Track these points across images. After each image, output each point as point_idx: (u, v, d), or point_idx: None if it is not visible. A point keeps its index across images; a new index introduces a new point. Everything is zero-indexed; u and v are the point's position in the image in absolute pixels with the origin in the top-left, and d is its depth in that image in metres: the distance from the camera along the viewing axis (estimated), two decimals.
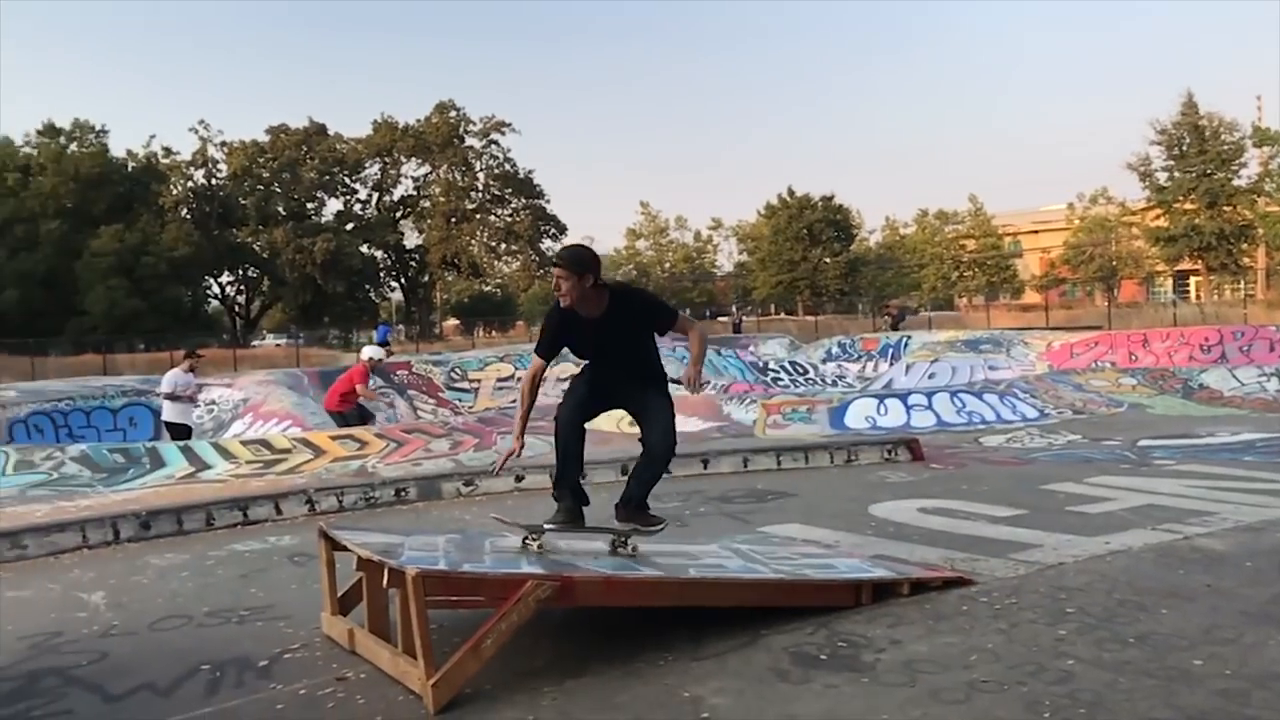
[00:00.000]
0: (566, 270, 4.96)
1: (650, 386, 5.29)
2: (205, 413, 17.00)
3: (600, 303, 5.02)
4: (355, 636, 4.77)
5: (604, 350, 5.19)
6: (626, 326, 5.09)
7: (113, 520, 7.94)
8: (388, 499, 8.99)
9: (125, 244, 56.66)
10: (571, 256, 5.05)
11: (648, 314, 5.21)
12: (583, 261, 5.00)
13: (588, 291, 4.97)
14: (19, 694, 4.46)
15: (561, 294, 4.99)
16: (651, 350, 5.30)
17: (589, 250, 5.17)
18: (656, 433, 5.25)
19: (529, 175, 71.11)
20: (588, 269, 4.98)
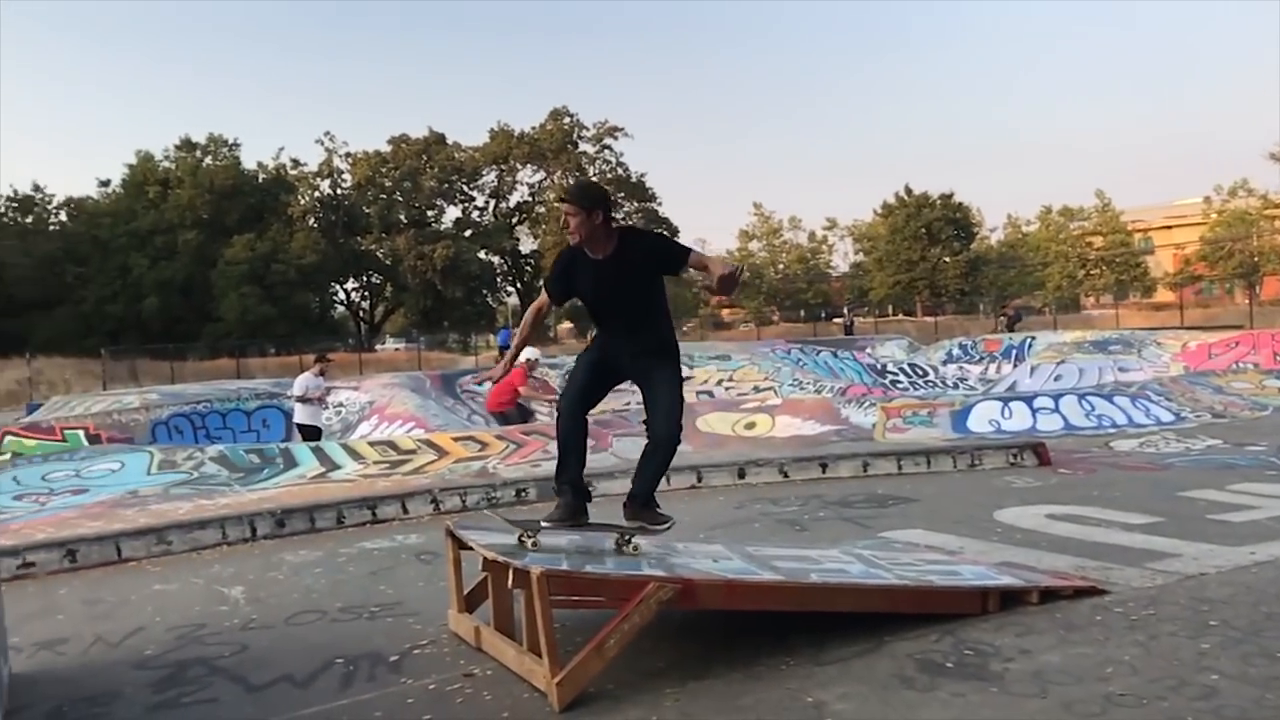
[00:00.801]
0: (574, 205, 4.74)
1: (656, 356, 4.98)
2: (333, 414, 17.60)
3: (610, 242, 4.78)
4: (481, 634, 4.88)
5: (609, 297, 4.91)
6: (634, 269, 4.78)
7: (250, 518, 8.30)
8: (508, 499, 9.16)
9: (257, 252, 59.10)
10: (579, 190, 4.86)
11: (656, 253, 4.87)
12: (591, 196, 4.80)
13: (598, 229, 4.74)
14: (169, 681, 4.71)
15: (570, 232, 4.80)
16: (660, 307, 5.01)
17: (598, 185, 4.97)
18: (658, 415, 4.98)
19: (641, 179, 71.47)
20: (597, 204, 4.74)
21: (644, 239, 4.99)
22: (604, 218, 4.74)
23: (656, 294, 4.95)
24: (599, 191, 4.88)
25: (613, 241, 4.77)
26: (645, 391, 5.02)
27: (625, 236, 4.84)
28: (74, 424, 17.78)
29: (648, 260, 4.81)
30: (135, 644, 5.39)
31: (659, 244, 4.98)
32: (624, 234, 4.85)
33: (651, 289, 4.90)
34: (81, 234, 61.93)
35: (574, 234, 4.76)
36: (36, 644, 5.49)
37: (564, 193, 4.82)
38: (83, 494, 11.07)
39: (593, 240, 4.75)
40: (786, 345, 21.56)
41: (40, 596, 6.65)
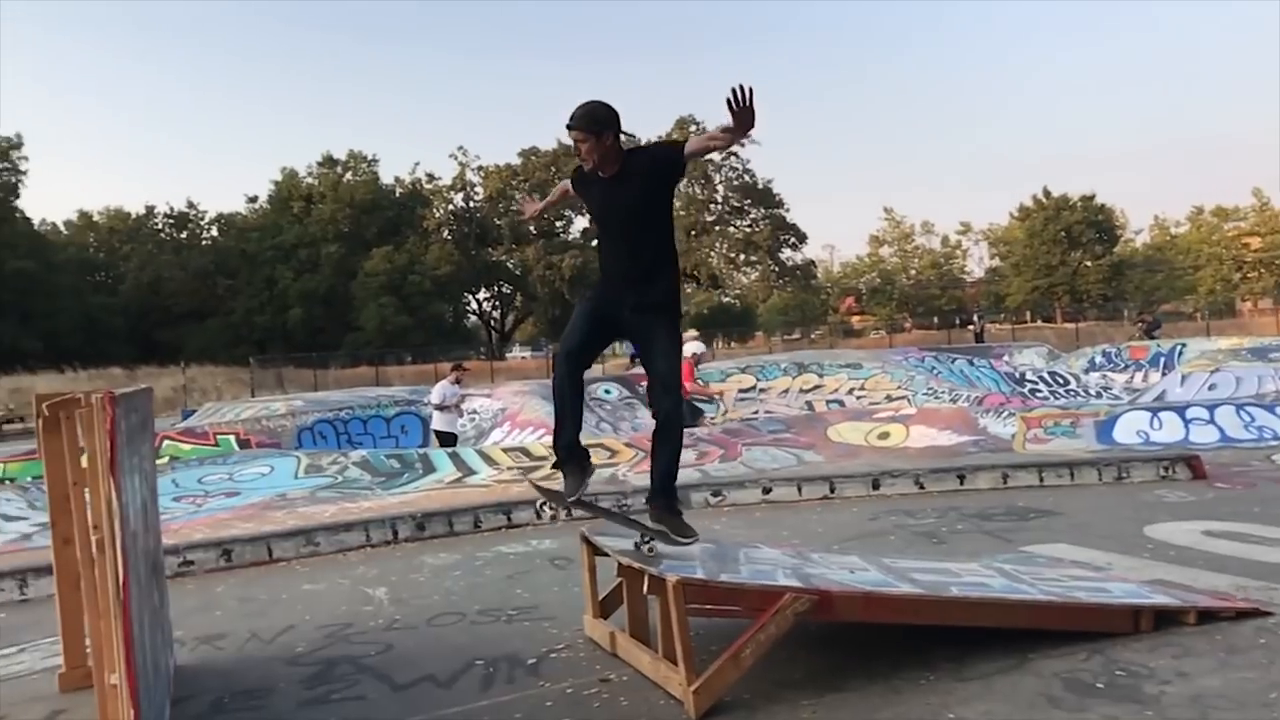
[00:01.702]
0: (584, 132, 4.57)
1: (657, 312, 4.75)
2: (467, 421, 18.00)
3: (618, 162, 4.65)
4: (617, 639, 4.92)
5: (616, 215, 4.75)
6: (641, 183, 4.61)
7: (392, 521, 8.58)
8: (639, 507, 9.18)
9: (394, 264, 61.19)
10: (586, 115, 4.59)
11: (656, 159, 4.66)
12: (599, 118, 4.59)
13: (609, 151, 4.61)
14: (319, 678, 4.90)
15: (583, 158, 4.69)
16: (665, 239, 4.79)
17: (603, 105, 4.66)
18: (658, 389, 4.77)
19: (768, 185, 71.07)
20: (606, 125, 4.59)
21: (647, 152, 4.82)
22: (614, 138, 4.63)
23: (663, 219, 4.76)
24: (606, 112, 4.63)
25: (621, 160, 4.66)
26: (644, 355, 4.84)
27: (632, 153, 4.71)
28: (226, 429, 18.68)
29: (653, 170, 4.63)
30: (287, 641, 5.63)
31: (658, 150, 4.83)
32: (631, 152, 4.72)
33: (658, 208, 4.72)
34: (231, 248, 65.24)
35: (586, 159, 4.67)
36: (197, 638, 5.79)
37: (571, 120, 4.58)
38: (235, 496, 11.63)
39: (605, 162, 4.65)
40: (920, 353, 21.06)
41: (199, 593, 7.01)
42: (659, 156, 4.67)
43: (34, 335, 54.84)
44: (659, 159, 4.65)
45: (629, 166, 4.63)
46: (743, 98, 4.05)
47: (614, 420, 18.13)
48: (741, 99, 4.05)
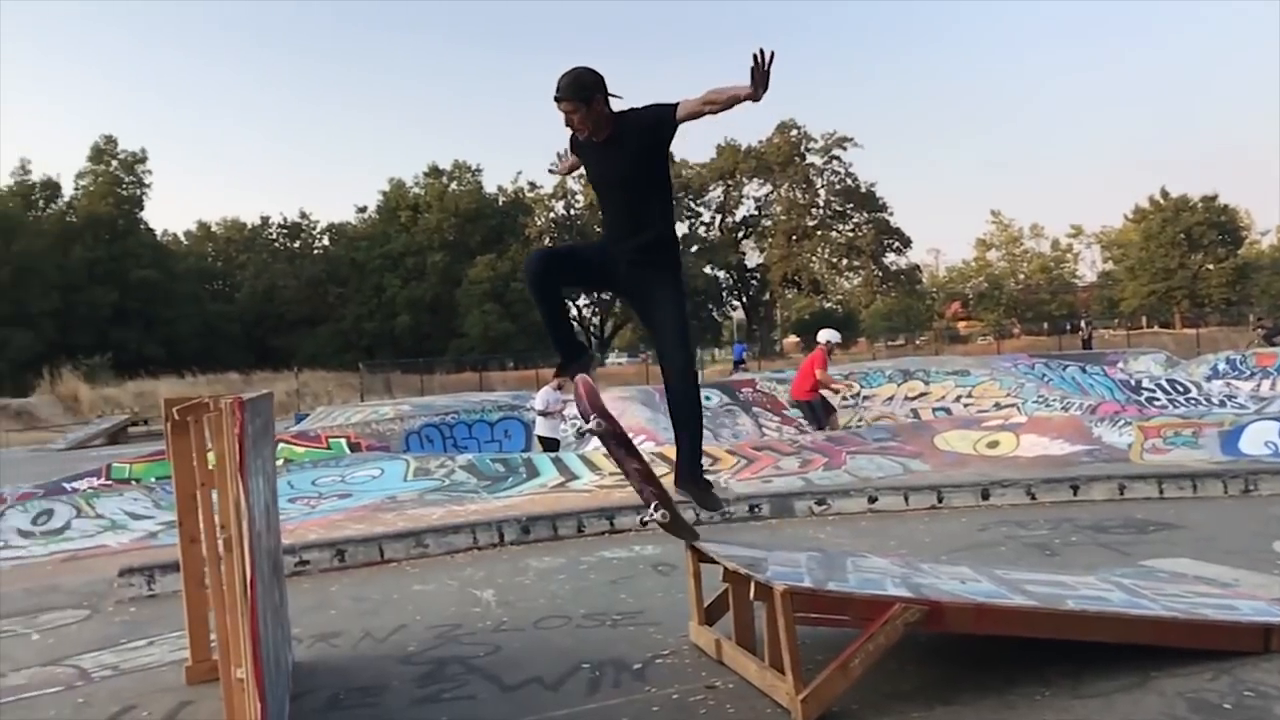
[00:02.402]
0: (572, 102, 4.43)
1: (655, 266, 4.65)
2: (570, 427, 18.20)
3: (611, 125, 4.51)
4: (722, 647, 4.92)
5: (611, 179, 4.66)
6: (634, 147, 4.48)
7: (498, 524, 8.72)
8: (742, 515, 9.19)
9: (497, 272, 62.31)
10: (573, 84, 4.43)
11: (647, 122, 4.46)
12: (586, 84, 4.44)
13: (600, 116, 4.48)
14: (431, 677, 5.01)
15: (577, 129, 4.57)
16: (664, 199, 4.68)
17: (588, 70, 4.49)
18: (669, 346, 4.62)
19: (871, 189, 70.19)
20: (593, 91, 4.44)
21: (638, 115, 4.56)
22: (604, 101, 4.48)
23: (660, 180, 4.65)
24: (593, 77, 4.48)
25: (613, 123, 4.52)
26: (646, 310, 4.72)
27: (624, 116, 4.55)
28: (337, 433, 19.23)
29: (646, 132, 4.49)
30: (399, 640, 5.77)
31: (650, 112, 4.53)
32: (622, 114, 4.55)
33: (653, 170, 4.59)
34: (341, 257, 67.27)
35: (580, 130, 4.55)
36: (314, 636, 5.97)
37: (557, 92, 4.43)
38: (347, 498, 11.96)
39: (598, 128, 4.52)
40: (1029, 359, 20.44)
41: (315, 592, 7.23)
42: (651, 119, 4.48)
43: (156, 342, 57.43)
44: (651, 121, 4.47)
45: (621, 129, 4.51)
46: (764, 61, 3.93)
47: (714, 427, 18.06)
48: (763, 61, 3.93)
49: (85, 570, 8.72)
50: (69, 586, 7.99)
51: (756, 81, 3.96)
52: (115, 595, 7.40)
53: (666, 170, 4.73)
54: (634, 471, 4.89)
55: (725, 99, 4.17)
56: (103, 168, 62.57)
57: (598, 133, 4.52)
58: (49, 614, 7.08)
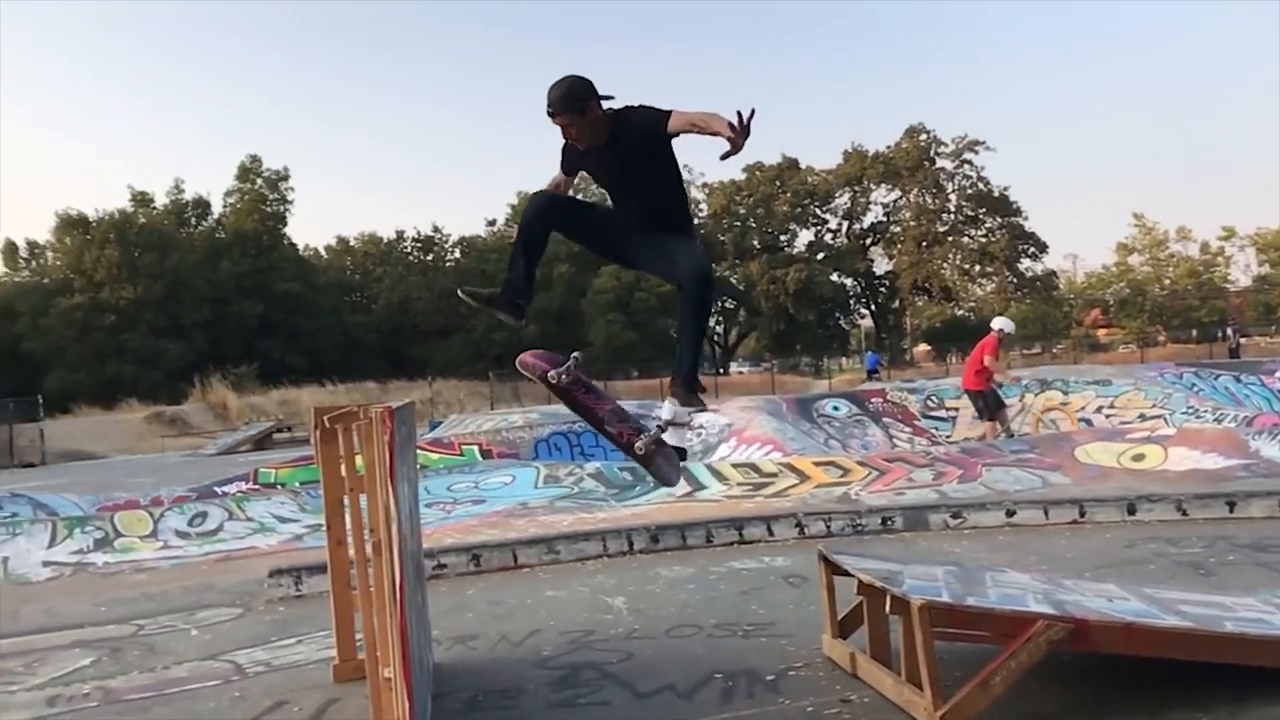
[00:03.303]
0: (567, 114, 4.26)
1: (666, 230, 4.45)
2: (694, 436, 18.22)
3: (607, 125, 4.32)
4: (857, 660, 4.85)
5: (618, 183, 4.51)
6: (633, 154, 4.30)
7: (628, 532, 8.80)
8: (874, 527, 9.04)
9: (622, 282, 62.88)
10: (565, 96, 4.24)
11: (644, 131, 4.24)
12: (578, 95, 4.25)
13: (597, 123, 4.30)
14: (565, 682, 5.10)
15: (575, 140, 4.39)
16: (675, 187, 4.50)
17: (577, 79, 4.29)
18: (683, 261, 4.34)
19: (1004, 192, 68.23)
20: (585, 99, 4.25)
21: (631, 118, 4.34)
22: (597, 106, 4.30)
23: (667, 177, 4.45)
24: (584, 86, 4.29)
25: (609, 125, 4.34)
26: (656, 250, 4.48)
27: (618, 120, 4.34)
28: (469, 440, 19.72)
29: (638, 141, 4.29)
30: (534, 644, 5.89)
31: (641, 118, 4.30)
32: (617, 117, 4.35)
33: (660, 166, 4.39)
34: (472, 269, 68.90)
35: (579, 141, 4.39)
36: (452, 638, 6.14)
37: (549, 106, 4.27)
38: (480, 504, 12.26)
39: (596, 135, 4.36)
40: (1177, 368, 19.49)
41: (452, 595, 7.42)
42: (643, 126, 4.27)
43: (299, 352, 59.97)
44: (644, 128, 4.26)
45: (618, 131, 4.34)
46: (746, 119, 3.86)
47: (843, 438, 17.82)
48: (745, 119, 3.86)
49: (237, 570, 9.17)
50: (223, 585, 8.42)
51: (738, 133, 3.87)
52: (265, 595, 7.76)
53: (674, 170, 4.51)
54: (608, 415, 4.81)
55: (711, 129, 4.02)
56: (249, 186, 65.72)
57: (596, 139, 4.38)
58: (205, 611, 7.47)
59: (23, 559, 10.11)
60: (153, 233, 59.13)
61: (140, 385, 51.42)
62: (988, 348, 13.48)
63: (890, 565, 5.14)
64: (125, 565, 9.92)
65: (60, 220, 59.79)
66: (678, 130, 4.17)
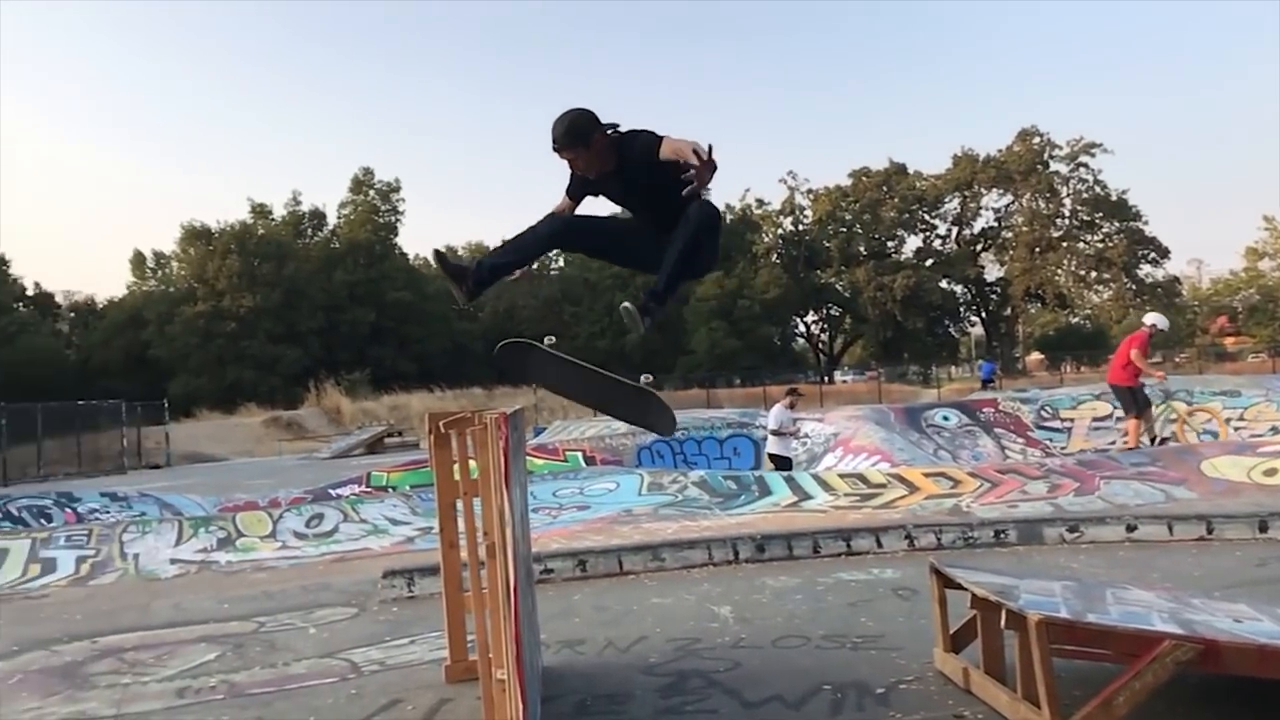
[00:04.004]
0: (573, 149, 4.25)
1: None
2: (799, 445, 18.07)
3: (613, 151, 4.28)
4: (970, 675, 4.74)
5: (633, 204, 4.47)
6: (644, 173, 4.21)
7: (733, 541, 8.76)
8: (986, 540, 8.81)
9: (725, 289, 62.84)
10: (568, 132, 4.21)
11: (643, 156, 4.17)
12: (581, 129, 4.22)
13: (603, 151, 4.26)
14: (672, 689, 5.10)
15: (584, 172, 4.37)
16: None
17: (579, 112, 4.25)
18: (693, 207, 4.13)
19: (1123, 196, 65.88)
20: (589, 133, 4.22)
21: (634, 148, 4.27)
22: (602, 136, 4.27)
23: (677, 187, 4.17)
24: (585, 119, 4.26)
25: (616, 151, 4.30)
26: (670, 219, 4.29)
27: (623, 144, 4.29)
28: (573, 446, 19.97)
29: (639, 168, 4.25)
30: (641, 651, 5.91)
31: (639, 145, 4.24)
32: (621, 141, 4.30)
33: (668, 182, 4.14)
34: (575, 277, 69.69)
35: (588, 172, 4.37)
36: (560, 642, 6.20)
37: (554, 142, 4.26)
38: (585, 510, 12.38)
39: (605, 163, 4.32)
40: None
41: (559, 600, 7.50)
42: (640, 153, 4.22)
43: (409, 358, 61.52)
44: (641, 156, 4.21)
45: (624, 154, 4.29)
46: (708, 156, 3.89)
47: (953, 448, 17.46)
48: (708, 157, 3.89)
49: (352, 571, 9.44)
50: (338, 585, 8.67)
51: (704, 165, 3.89)
52: (379, 595, 7.96)
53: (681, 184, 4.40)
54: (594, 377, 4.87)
55: (686, 159, 3.98)
56: (362, 197, 67.77)
57: (605, 166, 4.35)
58: (322, 610, 7.70)
59: (152, 556, 10.60)
60: (271, 243, 61.44)
61: (258, 390, 53.44)
62: (1136, 342, 13.05)
63: (1005, 579, 5.01)
64: (246, 564, 10.30)
65: (185, 231, 62.67)
66: (667, 158, 4.12)
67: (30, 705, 5.53)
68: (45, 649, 6.90)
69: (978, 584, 4.71)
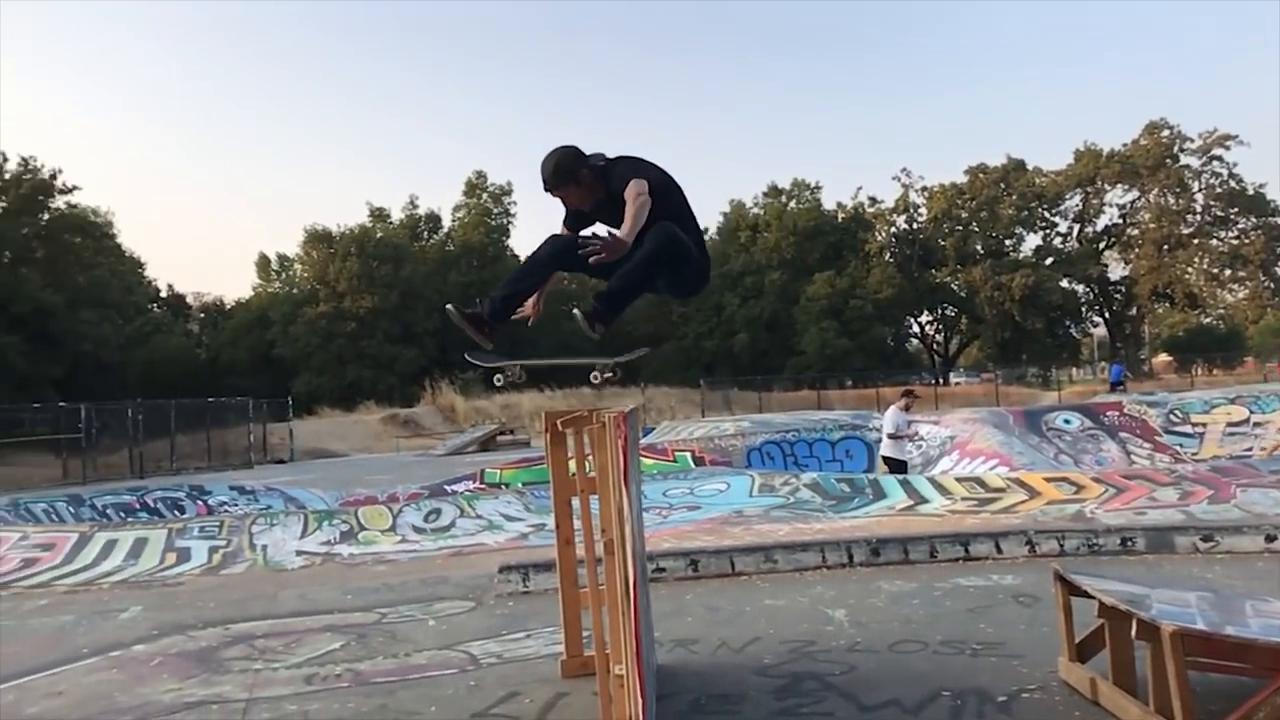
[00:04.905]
0: (563, 189, 4.40)
1: None
2: (913, 448, 17.74)
3: (602, 182, 4.40)
4: (1098, 686, 4.60)
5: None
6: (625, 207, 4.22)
7: (847, 544, 8.65)
8: (1112, 547, 8.50)
9: (835, 289, 62.03)
10: (555, 172, 4.34)
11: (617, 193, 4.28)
12: (567, 168, 4.35)
13: (593, 184, 4.39)
14: (787, 690, 5.08)
15: (577, 207, 4.49)
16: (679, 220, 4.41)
17: (564, 151, 4.37)
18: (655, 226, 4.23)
19: (1260, 190, 62.66)
20: (575, 169, 4.35)
21: (612, 179, 4.39)
22: (588, 171, 4.39)
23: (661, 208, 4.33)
24: (571, 157, 4.39)
25: (604, 181, 4.41)
26: None
27: (608, 174, 4.40)
28: (682, 446, 20.00)
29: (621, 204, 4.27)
30: (754, 652, 5.89)
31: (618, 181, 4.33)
32: (607, 171, 4.41)
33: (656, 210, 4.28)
34: None
35: (580, 205, 4.49)
36: (673, 640, 6.23)
37: (545, 185, 4.40)
38: (696, 510, 12.39)
39: (595, 195, 4.43)
40: None
41: (671, 599, 7.52)
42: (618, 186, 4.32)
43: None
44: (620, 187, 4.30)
45: (609, 184, 4.40)
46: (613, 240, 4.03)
47: (1075, 453, 16.93)
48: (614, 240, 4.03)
49: (468, 565, 9.65)
50: (456, 579, 8.88)
51: (612, 242, 4.04)
52: (495, 590, 8.12)
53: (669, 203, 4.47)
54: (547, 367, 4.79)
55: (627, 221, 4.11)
56: (475, 200, 69.08)
57: (596, 196, 4.46)
58: (441, 603, 7.90)
59: (279, 548, 11.02)
60: (389, 246, 63.08)
61: (377, 388, 54.98)
62: None
63: (1135, 588, 4.83)
64: (368, 557, 10.63)
65: (308, 235, 64.81)
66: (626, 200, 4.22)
67: (170, 686, 5.83)
68: (182, 634, 7.25)
69: (1106, 592, 4.57)
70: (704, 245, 4.67)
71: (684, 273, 4.54)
